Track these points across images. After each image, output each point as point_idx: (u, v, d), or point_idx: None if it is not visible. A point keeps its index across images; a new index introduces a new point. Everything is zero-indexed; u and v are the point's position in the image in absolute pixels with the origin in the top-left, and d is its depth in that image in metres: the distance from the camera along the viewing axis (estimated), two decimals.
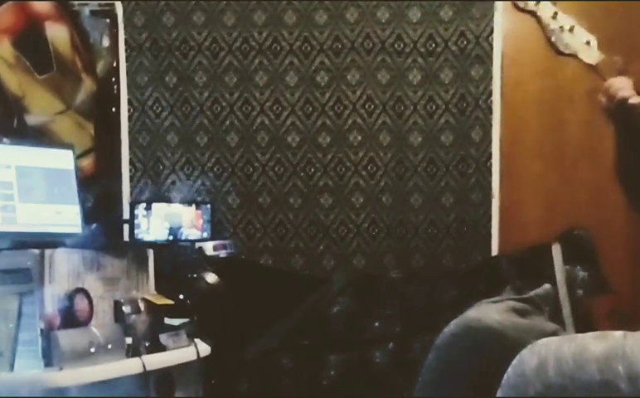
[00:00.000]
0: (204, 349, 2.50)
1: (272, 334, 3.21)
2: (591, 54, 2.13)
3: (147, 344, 2.32)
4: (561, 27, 2.12)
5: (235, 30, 3.71)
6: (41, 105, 3.65)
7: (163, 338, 2.36)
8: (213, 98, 3.72)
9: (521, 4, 2.14)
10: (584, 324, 2.80)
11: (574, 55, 2.13)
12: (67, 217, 2.46)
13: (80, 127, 3.71)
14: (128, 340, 2.28)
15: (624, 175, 2.19)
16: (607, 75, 2.10)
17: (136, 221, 3.36)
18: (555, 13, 2.12)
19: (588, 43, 2.13)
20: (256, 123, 3.72)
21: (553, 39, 2.12)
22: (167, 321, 2.45)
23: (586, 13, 3.68)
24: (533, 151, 3.68)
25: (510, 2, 2.10)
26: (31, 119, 3.64)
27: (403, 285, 3.40)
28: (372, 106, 3.71)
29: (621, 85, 2.07)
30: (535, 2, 2.12)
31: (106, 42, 3.73)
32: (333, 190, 3.72)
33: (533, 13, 2.13)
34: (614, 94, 2.06)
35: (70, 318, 2.15)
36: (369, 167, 3.71)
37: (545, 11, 2.12)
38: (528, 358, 1.66)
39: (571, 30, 2.13)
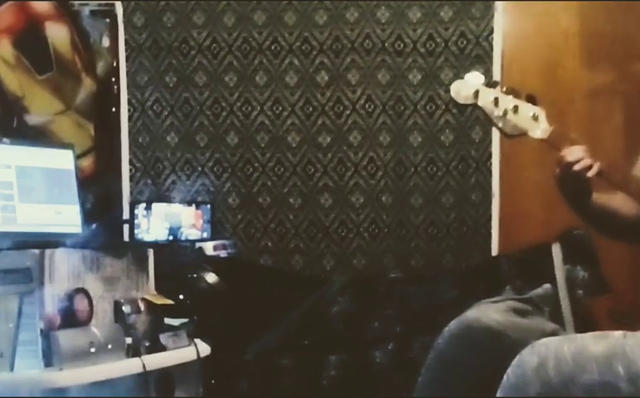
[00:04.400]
0: (204, 349, 2.50)
1: (272, 334, 3.21)
2: (540, 128, 2.05)
3: (147, 344, 2.31)
4: (505, 111, 2.05)
5: (235, 30, 3.71)
6: (41, 105, 3.65)
7: (163, 338, 2.36)
8: (213, 98, 3.72)
9: (460, 100, 2.06)
10: (584, 324, 2.80)
11: (524, 135, 2.04)
12: (67, 217, 2.46)
13: (79, 127, 3.71)
14: (128, 340, 2.28)
15: (601, 231, 2.18)
16: (560, 144, 2.03)
17: (136, 221, 3.36)
18: (496, 99, 2.04)
19: (535, 118, 2.05)
20: (256, 123, 3.72)
21: (500, 125, 2.05)
22: (167, 321, 2.45)
23: (586, 13, 3.71)
24: (533, 151, 3.67)
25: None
26: (31, 119, 3.64)
27: (403, 285, 3.40)
28: (372, 106, 3.71)
29: (578, 155, 2.00)
30: (473, 94, 2.05)
31: (106, 42, 3.73)
32: (333, 190, 3.72)
33: (474, 105, 2.05)
34: (571, 164, 1.99)
35: (70, 318, 2.15)
36: (369, 167, 3.71)
37: (485, 99, 2.05)
38: (528, 358, 1.66)
39: (515, 110, 2.05)
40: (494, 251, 3.66)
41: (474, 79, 2.08)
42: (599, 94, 3.69)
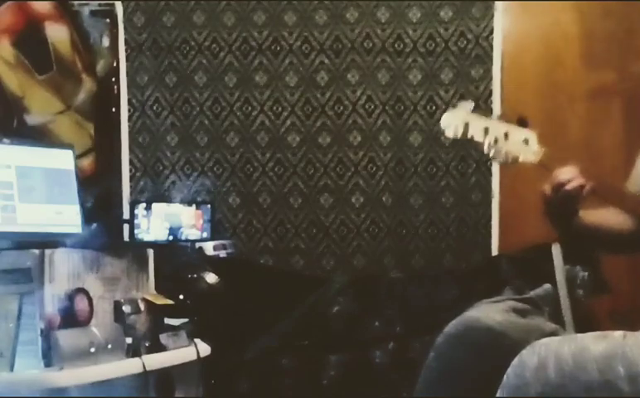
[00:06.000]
0: (204, 349, 2.50)
1: (272, 334, 3.21)
2: (532, 151, 2.05)
3: (147, 344, 2.31)
4: (496, 139, 2.04)
5: (235, 30, 3.72)
6: (41, 105, 3.65)
7: (163, 338, 2.36)
8: (213, 98, 3.72)
9: (451, 133, 2.07)
10: (584, 324, 2.80)
11: (516, 161, 2.05)
12: (67, 217, 2.46)
13: (80, 127, 3.71)
14: (128, 340, 2.28)
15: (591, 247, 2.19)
16: (552, 166, 2.03)
17: (136, 221, 3.36)
18: (486, 128, 2.04)
19: (526, 141, 2.05)
20: (256, 123, 3.72)
21: (492, 154, 2.05)
22: (167, 321, 2.45)
23: (586, 13, 3.71)
24: None
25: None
26: (31, 119, 3.64)
27: (403, 285, 3.40)
28: (372, 106, 3.71)
29: (570, 176, 2.00)
30: (463, 127, 2.05)
31: (106, 42, 3.73)
32: (333, 190, 3.72)
33: (465, 136, 2.05)
34: (563, 185, 1.99)
35: (70, 318, 2.15)
36: (369, 167, 3.71)
37: (476, 130, 2.05)
38: (528, 358, 1.66)
39: (506, 136, 2.04)
40: (494, 251, 3.66)
41: (463, 109, 2.08)
42: (599, 94, 3.69)
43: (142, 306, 2.35)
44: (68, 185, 2.49)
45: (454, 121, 2.06)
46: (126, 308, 2.31)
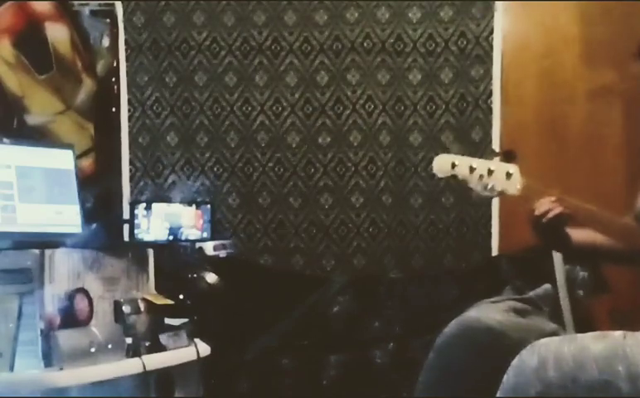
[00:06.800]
0: (204, 349, 2.50)
1: (272, 334, 3.22)
2: (514, 183, 2.18)
3: (147, 344, 2.32)
4: (481, 176, 2.17)
5: (235, 30, 3.71)
6: (41, 105, 3.65)
7: (163, 338, 2.37)
8: (213, 98, 3.72)
9: (440, 174, 2.23)
10: (584, 324, 2.80)
11: (500, 194, 2.19)
12: (67, 217, 2.46)
13: (80, 127, 3.71)
14: (128, 340, 2.28)
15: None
16: (532, 197, 2.16)
17: (136, 221, 3.36)
18: (472, 167, 2.17)
19: (508, 175, 2.18)
20: (256, 123, 3.72)
21: (478, 190, 2.19)
22: (167, 321, 2.45)
23: (586, 13, 3.71)
24: (533, 151, 3.68)
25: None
26: (31, 119, 3.64)
27: (403, 285, 3.41)
28: (372, 106, 3.71)
29: (544, 208, 2.12)
30: (451, 168, 2.19)
31: (106, 42, 3.73)
32: (333, 190, 3.72)
33: (454, 177, 2.19)
34: (539, 218, 2.11)
35: (70, 318, 2.15)
36: (369, 167, 3.71)
37: (463, 170, 2.19)
38: (528, 358, 1.66)
39: (490, 173, 2.17)
40: (494, 251, 3.66)
41: (450, 154, 2.24)
42: (599, 94, 3.69)
43: (142, 306, 2.36)
44: (68, 185, 2.50)
45: (443, 164, 2.22)
46: (126, 308, 2.31)
